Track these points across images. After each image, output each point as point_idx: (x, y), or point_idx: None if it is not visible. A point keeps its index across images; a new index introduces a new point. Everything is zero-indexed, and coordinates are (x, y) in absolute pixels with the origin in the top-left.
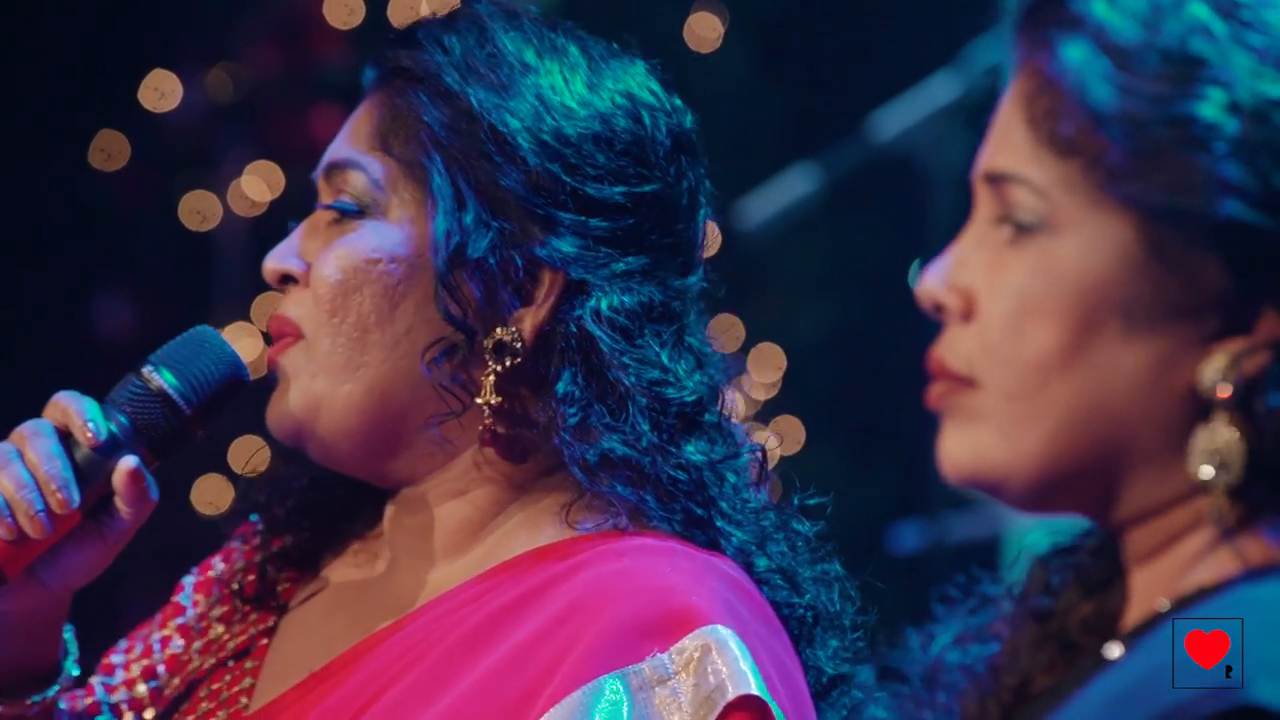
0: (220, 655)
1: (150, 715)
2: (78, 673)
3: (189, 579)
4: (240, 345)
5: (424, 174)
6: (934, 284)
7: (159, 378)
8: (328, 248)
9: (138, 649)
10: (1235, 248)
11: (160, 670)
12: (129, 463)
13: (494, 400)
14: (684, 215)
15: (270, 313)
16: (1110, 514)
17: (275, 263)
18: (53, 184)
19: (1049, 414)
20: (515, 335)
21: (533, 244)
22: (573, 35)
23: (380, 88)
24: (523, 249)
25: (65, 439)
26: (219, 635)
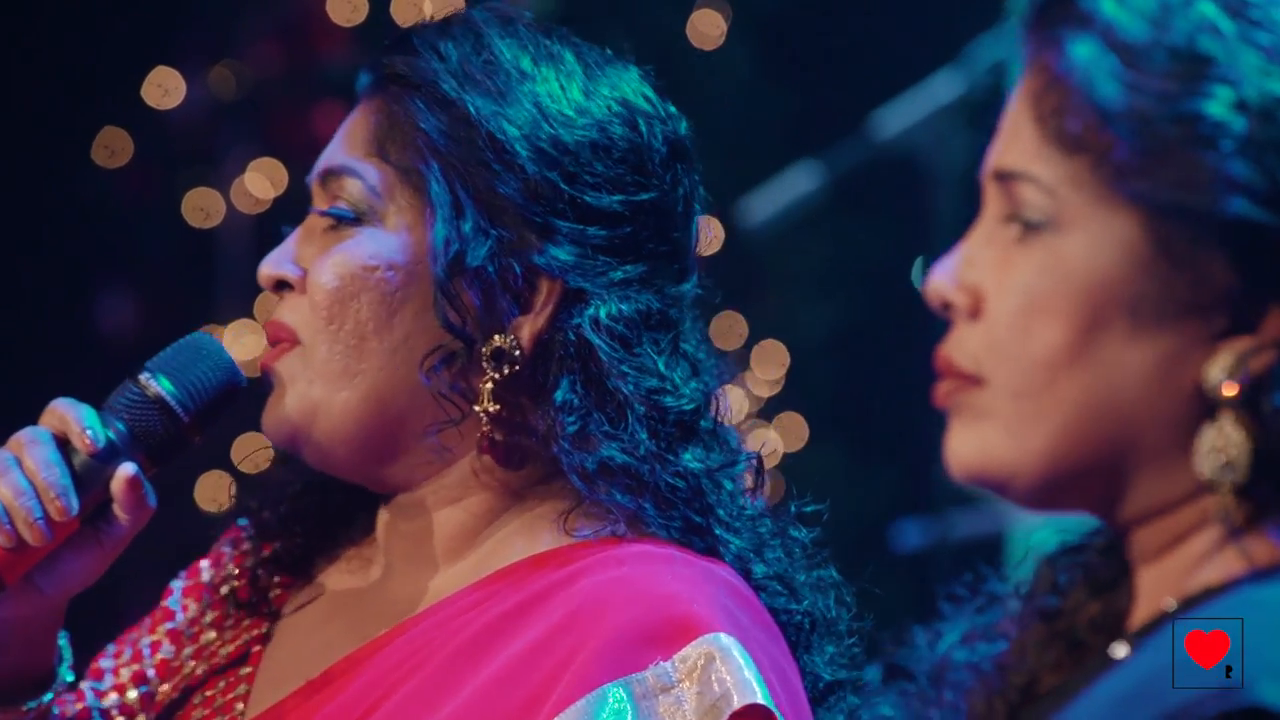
0: (213, 661)
1: None
2: (72, 678)
3: (177, 583)
4: (244, 343)
5: (422, 181)
6: (942, 282)
7: (156, 384)
8: (325, 254)
9: (126, 654)
10: (1242, 246)
11: (151, 675)
12: (128, 470)
13: (492, 408)
14: (680, 223)
15: (266, 317)
16: (1117, 512)
17: (271, 269)
18: (56, 181)
19: (1056, 412)
20: (513, 343)
21: (531, 252)
22: (567, 41)
23: (375, 93)
24: (521, 257)
25: (63, 446)
26: (211, 641)
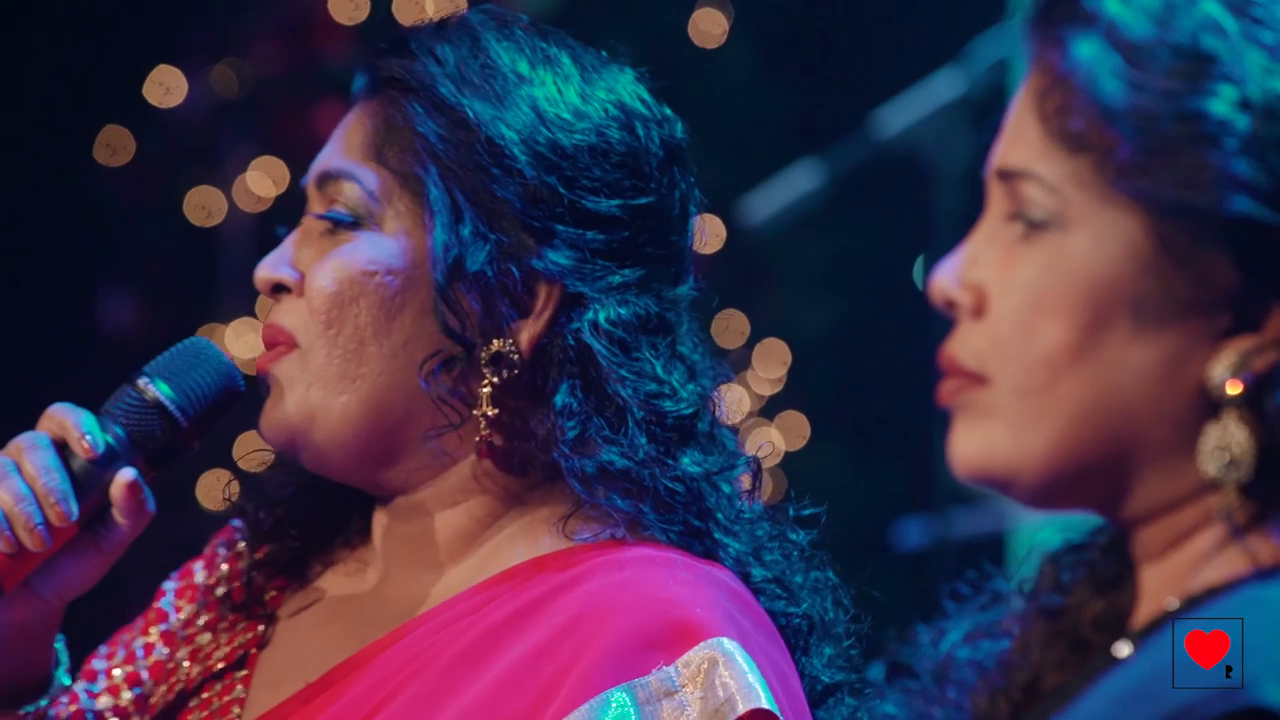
0: (208, 664)
1: None
2: (69, 682)
3: (169, 584)
4: (245, 341)
5: (420, 186)
6: (945, 280)
7: (154, 389)
8: (323, 258)
9: (119, 655)
10: (1245, 244)
11: (144, 677)
12: (127, 474)
13: (491, 412)
14: (677, 225)
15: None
16: (1120, 511)
17: (268, 272)
18: (58, 179)
19: (1059, 410)
20: (512, 347)
21: (529, 257)
22: (563, 44)
23: (372, 97)
24: (520, 262)
25: (62, 451)
26: (206, 643)
